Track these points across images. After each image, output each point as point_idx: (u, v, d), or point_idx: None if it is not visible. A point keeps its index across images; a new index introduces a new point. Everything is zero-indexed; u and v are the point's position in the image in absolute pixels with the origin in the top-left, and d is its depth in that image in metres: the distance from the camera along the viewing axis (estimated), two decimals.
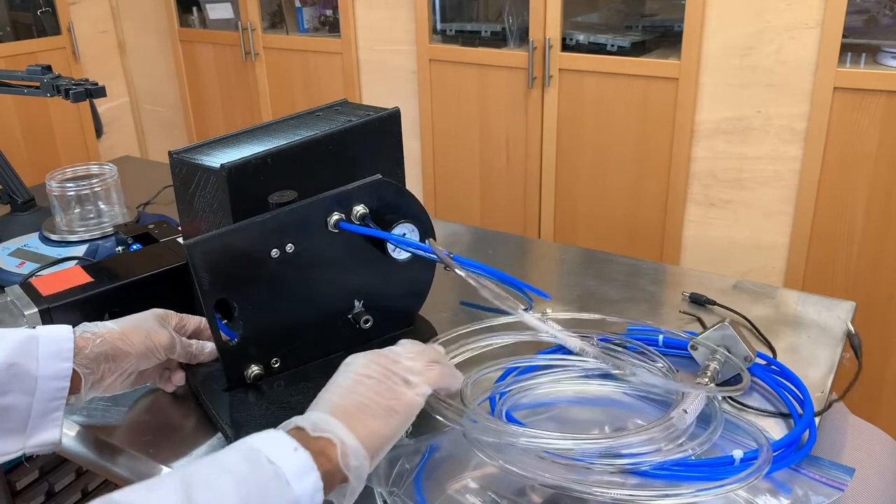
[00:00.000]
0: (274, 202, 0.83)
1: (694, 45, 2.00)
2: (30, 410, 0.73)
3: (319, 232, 0.85)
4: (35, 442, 0.74)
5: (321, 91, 2.80)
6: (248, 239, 0.81)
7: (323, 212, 0.84)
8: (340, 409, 0.66)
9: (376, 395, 0.68)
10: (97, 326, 0.82)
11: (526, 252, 1.42)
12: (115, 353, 0.80)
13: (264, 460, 0.58)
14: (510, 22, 2.40)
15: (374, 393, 0.68)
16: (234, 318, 0.84)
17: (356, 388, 0.69)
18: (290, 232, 0.83)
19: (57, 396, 0.75)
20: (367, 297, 0.93)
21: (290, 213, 0.82)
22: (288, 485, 0.57)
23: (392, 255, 0.88)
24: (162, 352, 0.84)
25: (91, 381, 0.78)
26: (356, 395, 0.68)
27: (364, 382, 0.69)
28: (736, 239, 2.14)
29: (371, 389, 0.69)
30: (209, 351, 0.90)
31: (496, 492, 0.73)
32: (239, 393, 0.86)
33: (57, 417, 0.75)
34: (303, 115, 1.03)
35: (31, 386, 0.73)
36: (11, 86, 1.42)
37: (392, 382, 0.70)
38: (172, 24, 3.14)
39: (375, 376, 0.70)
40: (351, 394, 0.68)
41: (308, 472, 0.58)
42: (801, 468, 0.75)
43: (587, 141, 2.27)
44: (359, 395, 0.68)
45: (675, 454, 0.72)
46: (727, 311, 1.09)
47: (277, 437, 0.61)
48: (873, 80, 1.81)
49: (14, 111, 2.81)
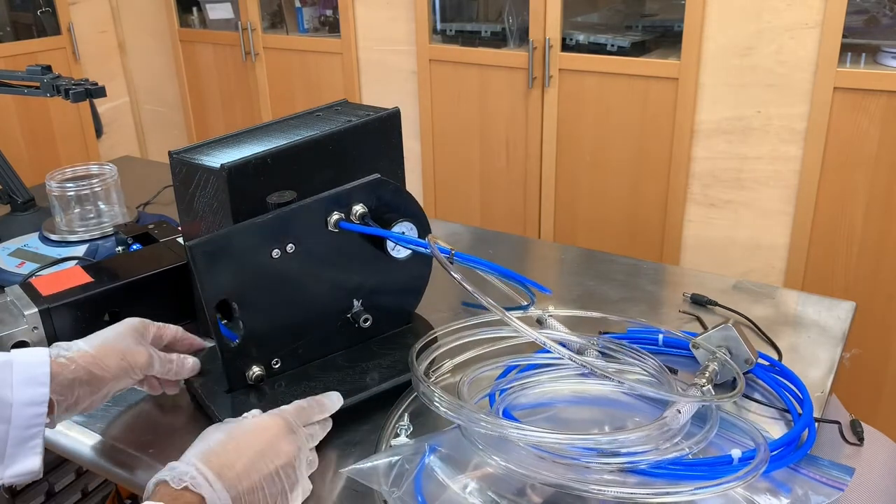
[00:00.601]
0: (273, 202, 0.83)
1: (694, 45, 2.00)
2: (6, 438, 0.70)
3: (319, 232, 0.85)
4: (13, 472, 0.71)
5: (321, 91, 2.79)
6: (249, 240, 0.81)
7: (323, 212, 0.84)
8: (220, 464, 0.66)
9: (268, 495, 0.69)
10: (70, 350, 0.78)
11: (526, 252, 1.42)
12: (89, 379, 0.77)
13: None
14: (510, 22, 2.40)
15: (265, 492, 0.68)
16: (234, 318, 0.84)
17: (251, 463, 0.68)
18: (291, 232, 0.83)
19: (34, 423, 0.71)
20: (366, 297, 0.93)
21: (291, 213, 0.82)
22: None
23: (391, 254, 0.89)
24: (139, 372, 0.82)
25: (65, 406, 0.75)
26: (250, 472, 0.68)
27: (264, 484, 0.68)
28: (736, 239, 2.14)
29: (264, 487, 0.68)
30: (190, 366, 0.87)
31: (496, 492, 0.73)
32: (240, 395, 0.86)
33: (36, 445, 0.72)
34: (303, 115, 1.03)
35: (5, 413, 0.70)
36: (11, 86, 1.42)
37: (282, 484, 0.70)
38: (172, 24, 3.14)
39: (276, 479, 0.70)
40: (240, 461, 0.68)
41: None
42: (801, 468, 0.75)
43: (587, 141, 2.27)
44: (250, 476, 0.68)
45: (672, 453, 0.72)
46: (727, 311, 1.09)
47: None
48: (873, 80, 1.81)
49: (14, 111, 2.81)
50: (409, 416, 0.86)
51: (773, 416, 0.86)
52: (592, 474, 0.69)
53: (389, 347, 0.95)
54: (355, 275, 0.91)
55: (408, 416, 0.85)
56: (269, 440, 0.70)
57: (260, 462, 0.68)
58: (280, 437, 0.71)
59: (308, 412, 0.78)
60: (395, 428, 0.84)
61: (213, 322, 0.82)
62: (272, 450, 0.70)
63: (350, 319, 0.92)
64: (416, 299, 0.99)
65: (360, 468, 0.75)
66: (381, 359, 0.92)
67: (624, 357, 0.88)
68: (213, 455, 0.67)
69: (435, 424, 0.83)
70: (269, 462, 0.69)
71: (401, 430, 0.83)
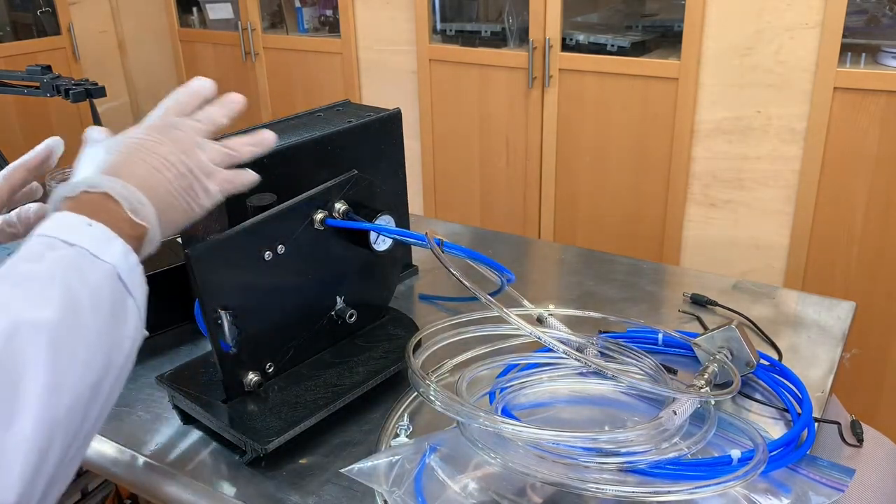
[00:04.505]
0: (252, 205, 0.83)
1: (694, 45, 2.00)
2: None
3: (306, 231, 0.86)
4: None
5: (321, 91, 2.80)
6: (245, 243, 0.81)
7: (308, 210, 0.85)
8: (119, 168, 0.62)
9: (176, 192, 0.64)
10: None
11: (526, 252, 1.42)
12: None
13: (63, 246, 0.54)
14: (510, 22, 2.40)
15: (173, 188, 0.64)
16: (228, 325, 0.83)
17: (147, 160, 0.63)
18: (281, 233, 0.83)
19: None
20: (348, 292, 0.94)
21: (282, 213, 0.83)
22: (98, 259, 0.55)
23: (373, 247, 0.90)
24: None
25: None
26: (153, 174, 0.63)
27: (160, 168, 0.64)
28: (736, 239, 2.14)
29: (170, 182, 0.64)
30: (35, 212, 0.77)
31: (496, 491, 0.73)
32: (237, 403, 0.85)
33: None
34: (303, 116, 1.03)
35: None
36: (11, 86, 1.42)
37: (192, 181, 0.66)
38: (172, 24, 3.14)
39: (176, 168, 0.64)
40: (139, 163, 0.63)
41: (110, 241, 0.56)
42: (801, 468, 0.75)
43: (587, 141, 2.27)
44: (155, 178, 0.63)
45: (671, 453, 0.72)
46: (728, 311, 1.09)
47: (66, 219, 0.57)
48: (873, 80, 1.81)
49: (14, 111, 2.81)
50: (409, 416, 0.86)
51: (773, 416, 0.86)
52: (592, 473, 0.69)
53: (375, 340, 0.95)
54: (339, 271, 0.91)
55: (408, 416, 0.86)
56: (143, 137, 0.65)
57: (144, 153, 0.64)
58: (154, 131, 0.66)
59: (184, 105, 0.72)
60: (395, 428, 0.84)
61: (213, 331, 0.81)
62: (150, 141, 0.65)
63: (334, 317, 0.93)
64: (391, 291, 1.00)
65: (360, 468, 0.75)
66: (371, 351, 0.93)
67: (622, 357, 0.88)
68: (99, 162, 0.63)
69: (435, 424, 0.83)
70: (151, 154, 0.64)
71: (401, 430, 0.83)
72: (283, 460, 0.81)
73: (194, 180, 0.66)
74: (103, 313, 0.54)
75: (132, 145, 0.65)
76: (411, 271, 1.22)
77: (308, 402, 0.84)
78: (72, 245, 0.55)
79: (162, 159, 0.64)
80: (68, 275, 0.53)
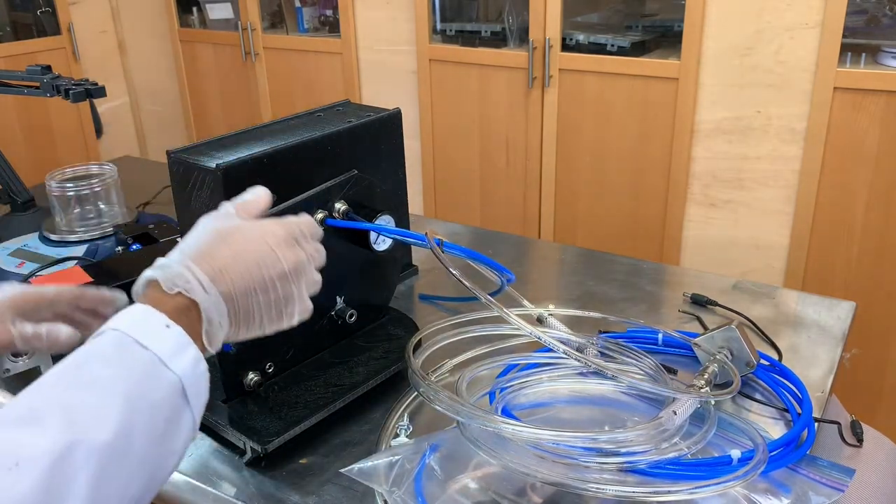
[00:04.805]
0: None
1: (694, 45, 2.00)
2: None
3: None
4: None
5: (321, 91, 2.80)
6: None
7: (308, 210, 0.85)
8: None
9: (260, 312, 0.63)
10: None
11: (526, 252, 1.42)
12: None
13: (136, 349, 0.53)
14: (510, 22, 2.40)
15: (261, 309, 0.63)
16: None
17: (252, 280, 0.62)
18: None
19: None
20: (348, 293, 0.94)
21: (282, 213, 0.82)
22: (167, 369, 0.54)
23: (373, 247, 0.90)
24: None
25: None
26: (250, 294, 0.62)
27: (258, 290, 0.62)
28: (736, 239, 2.14)
29: (261, 307, 0.63)
30: (65, 339, 0.72)
31: (496, 491, 0.73)
32: (237, 403, 0.85)
33: None
34: (303, 116, 1.03)
35: None
36: (11, 86, 1.42)
37: (282, 309, 0.64)
38: (172, 24, 3.14)
39: (277, 293, 0.63)
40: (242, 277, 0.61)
41: (184, 348, 0.55)
42: (801, 468, 0.75)
43: (587, 141, 2.27)
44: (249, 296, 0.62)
45: (671, 453, 0.72)
46: (728, 311, 1.09)
47: (146, 316, 0.56)
48: (873, 80, 1.81)
49: (14, 111, 2.81)
50: (409, 416, 0.86)
51: (773, 416, 0.86)
52: (592, 473, 0.69)
53: (375, 340, 0.95)
54: (339, 271, 0.91)
55: (408, 416, 0.86)
56: (268, 247, 0.64)
57: (256, 269, 0.62)
58: (281, 245, 0.64)
59: (314, 228, 0.71)
60: (395, 428, 0.84)
61: None
62: (270, 257, 0.63)
63: (334, 317, 0.93)
64: (391, 291, 1.00)
65: (360, 468, 0.75)
66: (371, 351, 0.93)
67: (622, 357, 0.88)
68: (208, 258, 0.61)
69: (435, 424, 0.83)
70: (266, 269, 0.63)
71: (401, 430, 0.83)
72: (283, 460, 0.81)
73: (283, 308, 0.65)
74: (156, 435, 0.53)
75: (250, 253, 0.63)
76: (411, 271, 1.22)
77: (308, 402, 0.84)
78: (145, 349, 0.54)
79: (269, 281, 0.63)
80: (131, 390, 0.52)
